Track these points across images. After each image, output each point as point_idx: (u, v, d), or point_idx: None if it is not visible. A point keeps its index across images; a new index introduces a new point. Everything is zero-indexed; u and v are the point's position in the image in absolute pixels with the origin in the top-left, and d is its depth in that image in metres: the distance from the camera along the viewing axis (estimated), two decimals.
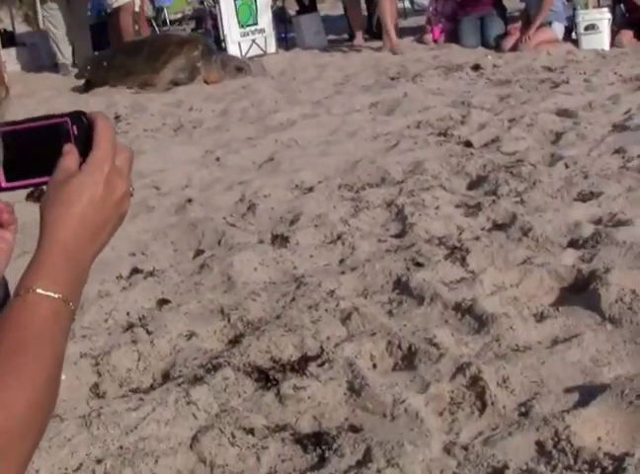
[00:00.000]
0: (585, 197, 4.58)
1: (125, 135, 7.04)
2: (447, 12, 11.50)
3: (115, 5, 10.87)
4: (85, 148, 1.07)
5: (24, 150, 1.07)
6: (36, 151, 1.08)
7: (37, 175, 1.08)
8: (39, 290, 1.00)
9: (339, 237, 4.15)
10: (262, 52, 11.04)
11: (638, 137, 5.67)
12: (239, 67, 9.57)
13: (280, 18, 12.45)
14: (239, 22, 11.13)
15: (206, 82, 9.29)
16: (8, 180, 1.08)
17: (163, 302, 3.54)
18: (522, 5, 11.25)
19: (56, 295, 1.01)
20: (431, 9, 11.80)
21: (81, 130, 1.08)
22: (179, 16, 16.55)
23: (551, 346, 2.95)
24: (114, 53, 10.02)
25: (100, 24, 12.17)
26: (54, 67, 11.14)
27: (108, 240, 1.10)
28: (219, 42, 10.99)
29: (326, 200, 4.79)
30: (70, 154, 1.07)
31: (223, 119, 7.40)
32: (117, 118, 7.81)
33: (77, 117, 1.09)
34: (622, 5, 10.70)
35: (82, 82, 9.72)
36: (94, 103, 8.41)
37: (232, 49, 10.73)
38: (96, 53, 11.02)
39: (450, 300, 3.29)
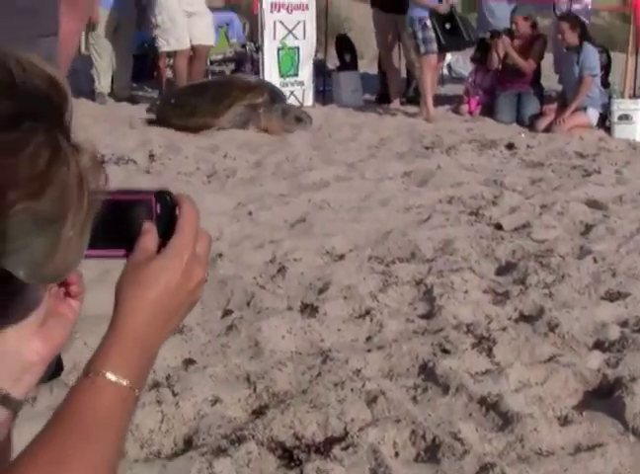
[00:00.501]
0: (612, 297, 4.60)
1: (159, 176, 7.11)
2: (486, 85, 11.60)
3: (166, 49, 10.96)
4: (166, 228, 1.09)
5: (105, 220, 1.04)
6: (116, 223, 1.09)
7: (112, 246, 1.09)
8: (109, 375, 1.02)
9: (367, 312, 4.18)
10: (299, 104, 11.12)
11: None
12: (299, 118, 9.59)
13: (320, 71, 12.56)
14: (280, 71, 11.23)
15: (266, 130, 9.35)
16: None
17: (189, 362, 3.57)
18: (559, 86, 11.37)
19: (125, 382, 1.02)
20: (470, 80, 11.92)
21: (164, 210, 1.10)
22: (220, 57, 16.67)
23: (574, 453, 2.97)
24: (182, 92, 10.11)
25: (141, 55, 12.30)
26: (91, 94, 11.24)
27: (178, 326, 1.12)
28: None
29: (356, 271, 4.83)
30: (150, 234, 1.08)
31: (257, 172, 7.46)
32: (151, 156, 7.89)
33: (162, 196, 1.11)
34: None
35: (127, 113, 9.80)
36: (131, 135, 8.54)
37: None
38: (134, 85, 11.13)
39: (476, 393, 3.31)
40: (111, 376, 1.02)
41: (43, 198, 0.90)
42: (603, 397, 3.41)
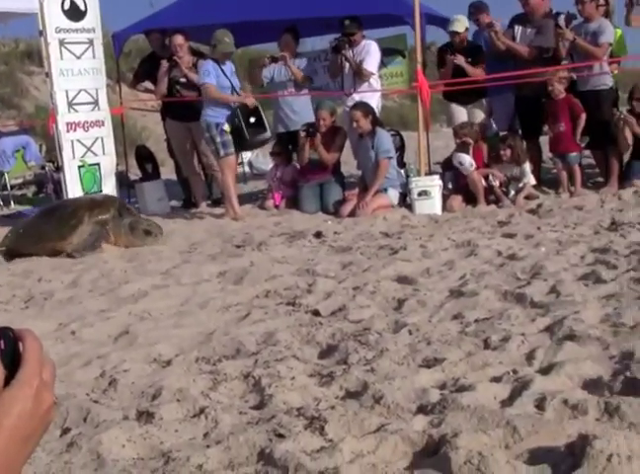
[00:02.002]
0: (429, 364, 4.89)
1: None
2: (287, 178, 12.02)
3: None
4: (11, 360, 1.19)
5: None
6: None
7: None
8: None
9: (201, 411, 4.32)
10: None
11: (474, 303, 6.09)
12: (148, 231, 9.56)
13: (123, 183, 12.68)
14: (83, 188, 11.30)
15: (118, 245, 9.34)
16: None
17: None
18: (359, 172, 11.86)
19: None
20: (272, 174, 12.30)
21: (8, 345, 1.19)
22: (19, 180, 16.60)
23: None
24: (31, 220, 9.96)
25: None
26: None
27: (35, 447, 1.25)
28: None
29: (185, 374, 4.97)
30: None
31: (74, 291, 7.50)
32: None
33: (5, 332, 1.20)
34: (450, 172, 11.41)
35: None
36: None
37: None
38: None
39: (314, 469, 3.50)
40: None
41: None
42: (431, 455, 3.66)
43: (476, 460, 3.45)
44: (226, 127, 10.99)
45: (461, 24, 12.13)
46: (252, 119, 11.04)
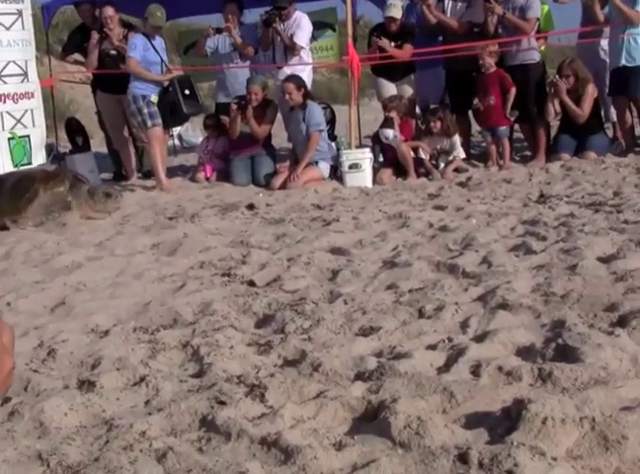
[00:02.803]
0: (365, 332, 4.98)
1: None
2: (219, 151, 12.02)
3: None
4: None
5: None
6: None
7: None
8: None
9: (142, 379, 4.35)
10: None
11: (407, 273, 6.19)
12: (107, 193, 9.47)
13: (53, 155, 12.57)
14: (13, 161, 11.21)
15: (85, 216, 9.23)
16: None
17: None
18: (290, 145, 11.91)
19: None
20: (202, 147, 12.29)
21: None
22: None
23: (352, 471, 3.26)
24: None
25: None
26: None
27: None
28: None
29: (124, 343, 5.00)
30: None
31: (7, 263, 7.45)
32: None
33: None
34: (379, 145, 11.51)
35: None
36: None
37: None
38: None
39: (256, 435, 3.55)
40: None
41: None
42: (371, 420, 3.74)
43: (415, 424, 3.54)
44: (153, 99, 10.97)
45: (397, 9, 12.17)
46: (186, 92, 11.03)
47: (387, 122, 11.33)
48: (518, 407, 3.62)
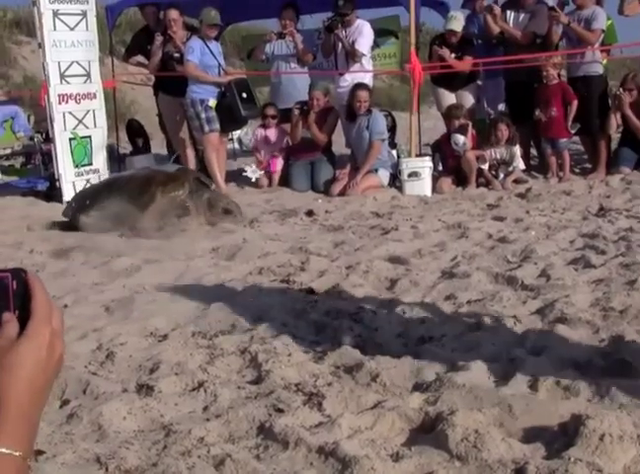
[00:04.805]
0: (424, 342, 4.97)
1: None
2: (273, 139, 12.04)
3: None
4: (22, 302, 1.24)
5: None
6: None
7: None
8: (2, 450, 1.17)
9: (200, 385, 4.38)
10: None
11: (465, 284, 6.16)
12: (227, 210, 9.04)
13: (114, 156, 12.68)
14: (74, 161, 11.30)
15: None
16: None
17: (39, 453, 3.67)
18: (348, 151, 11.89)
19: (18, 453, 1.17)
20: (258, 137, 12.29)
21: (19, 287, 1.24)
22: (8, 151, 16.53)
23: None
24: (97, 190, 9.31)
25: None
26: None
27: (48, 397, 1.30)
28: (53, 180, 11.09)
29: (182, 348, 5.02)
30: (10, 323, 1.23)
31: (66, 264, 7.51)
32: None
33: (18, 273, 1.25)
34: (439, 154, 11.48)
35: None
36: None
37: (67, 189, 10.85)
38: None
39: (314, 444, 3.56)
40: (4, 450, 1.16)
41: None
42: (428, 432, 3.73)
43: (472, 437, 3.53)
44: (211, 103, 11.03)
45: (459, 22, 12.14)
46: (244, 95, 11.08)
47: (461, 129, 11.28)
48: (575, 422, 3.60)
